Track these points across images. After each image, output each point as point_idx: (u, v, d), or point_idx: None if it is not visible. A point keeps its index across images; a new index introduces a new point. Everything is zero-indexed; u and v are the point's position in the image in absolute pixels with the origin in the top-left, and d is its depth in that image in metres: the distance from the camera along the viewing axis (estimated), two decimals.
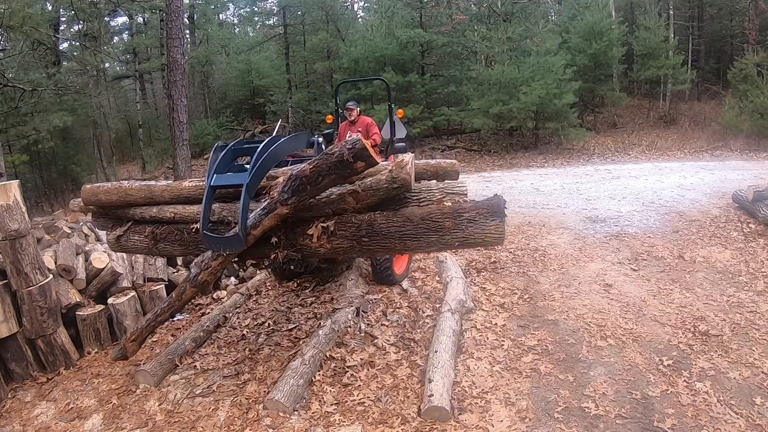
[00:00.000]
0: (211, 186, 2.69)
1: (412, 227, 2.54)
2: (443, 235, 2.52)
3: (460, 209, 2.49)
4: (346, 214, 2.67)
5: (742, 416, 2.79)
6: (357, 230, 2.62)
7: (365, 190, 2.51)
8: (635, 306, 4.11)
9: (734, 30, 16.70)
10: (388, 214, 2.59)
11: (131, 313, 4.12)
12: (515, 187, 8.61)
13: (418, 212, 2.54)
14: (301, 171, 2.39)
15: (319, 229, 2.64)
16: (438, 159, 2.86)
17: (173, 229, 3.06)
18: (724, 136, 12.34)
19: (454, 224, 2.48)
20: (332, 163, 2.32)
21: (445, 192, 2.65)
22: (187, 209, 3.01)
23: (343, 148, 2.29)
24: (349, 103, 5.74)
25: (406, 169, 2.39)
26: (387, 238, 2.60)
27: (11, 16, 8.84)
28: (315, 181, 2.39)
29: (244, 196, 2.52)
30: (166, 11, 6.48)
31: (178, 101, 6.30)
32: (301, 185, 2.40)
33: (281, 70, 17.15)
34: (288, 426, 2.90)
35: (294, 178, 2.41)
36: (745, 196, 6.07)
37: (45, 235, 4.74)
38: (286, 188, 2.43)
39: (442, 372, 3.12)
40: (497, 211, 2.45)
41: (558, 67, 12.24)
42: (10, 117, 11.47)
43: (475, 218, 2.46)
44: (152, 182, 3.16)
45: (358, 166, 2.32)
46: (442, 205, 2.54)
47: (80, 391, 3.44)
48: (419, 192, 2.67)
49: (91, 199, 3.22)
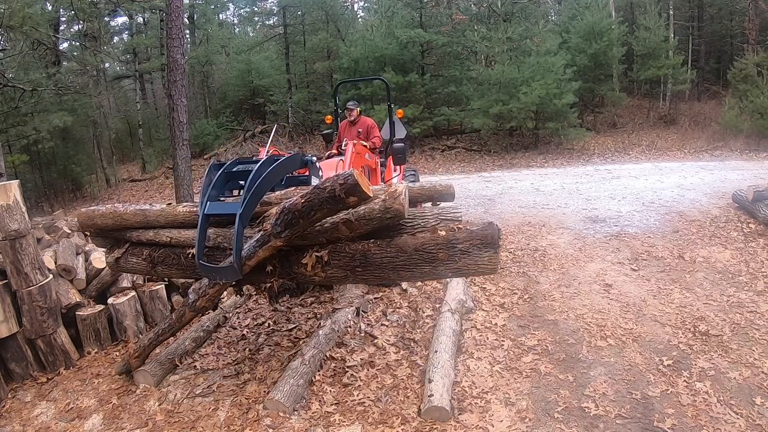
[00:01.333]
0: (205, 214, 2.67)
1: (406, 258, 2.53)
2: (436, 267, 2.52)
3: (453, 240, 2.46)
4: (340, 243, 2.65)
5: (742, 416, 2.79)
6: (351, 260, 2.62)
7: (358, 219, 2.49)
8: (635, 306, 4.11)
9: (734, 30, 16.69)
10: (382, 244, 2.57)
11: (131, 313, 4.12)
12: (515, 187, 8.61)
13: (412, 243, 2.52)
14: (293, 205, 2.37)
15: (313, 259, 2.64)
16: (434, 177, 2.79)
17: (170, 253, 3.05)
18: (724, 136, 12.34)
19: (447, 255, 2.47)
20: (324, 198, 2.30)
21: (439, 218, 2.62)
22: (182, 234, 2.99)
23: (335, 183, 2.26)
24: (349, 103, 5.74)
25: (400, 200, 2.36)
26: (380, 268, 2.60)
27: (11, 16, 8.84)
28: (307, 215, 2.38)
29: (237, 226, 2.49)
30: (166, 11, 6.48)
31: (178, 101, 6.30)
32: (294, 219, 2.39)
33: (281, 70, 17.13)
34: (288, 426, 2.90)
35: (286, 212, 2.39)
36: (745, 196, 6.07)
37: (45, 235, 4.74)
38: (279, 221, 2.42)
39: (442, 372, 3.12)
40: (491, 242, 2.43)
41: (558, 67, 12.23)
42: (10, 117, 11.47)
43: (468, 249, 2.45)
44: (147, 206, 3.12)
45: (351, 201, 2.31)
46: (436, 235, 2.51)
47: (80, 391, 3.44)
48: (413, 218, 2.64)
49: (87, 223, 3.20)
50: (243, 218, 2.53)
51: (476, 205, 7.43)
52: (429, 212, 2.70)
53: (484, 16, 14.52)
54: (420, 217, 2.65)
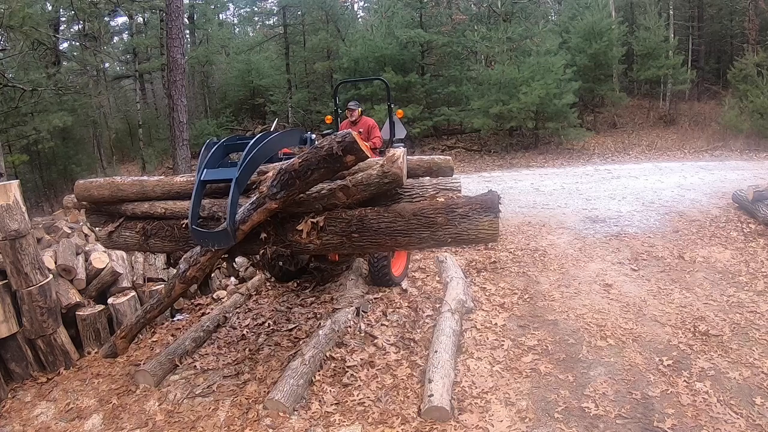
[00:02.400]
0: (201, 180, 2.66)
1: (404, 223, 2.48)
2: (435, 231, 2.45)
3: (452, 204, 2.43)
4: (336, 210, 2.63)
5: (742, 416, 2.79)
6: (347, 226, 2.58)
7: (356, 185, 2.47)
8: (635, 306, 4.11)
9: (734, 30, 16.70)
10: (379, 209, 2.55)
11: (131, 313, 4.11)
12: (515, 187, 8.61)
13: (410, 208, 2.49)
14: (290, 165, 2.36)
15: (308, 225, 2.60)
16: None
17: (164, 225, 3.04)
18: (724, 136, 12.34)
19: (446, 220, 2.41)
20: (322, 156, 2.28)
21: (437, 188, 2.61)
22: (178, 204, 3.00)
23: (333, 141, 2.25)
24: (350, 103, 5.73)
25: (398, 164, 2.35)
26: (377, 234, 2.54)
27: (11, 16, 8.84)
28: (304, 175, 2.35)
29: (233, 190, 2.48)
30: (166, 11, 6.48)
31: (178, 101, 6.30)
32: (291, 179, 2.37)
33: (281, 70, 17.14)
34: (288, 426, 2.90)
35: (283, 172, 2.38)
36: (745, 196, 6.07)
37: (45, 235, 4.74)
38: (275, 182, 2.40)
39: (442, 372, 3.12)
40: (491, 206, 2.38)
41: (558, 67, 12.23)
42: (10, 117, 11.46)
43: (468, 214, 2.39)
44: (144, 177, 3.15)
45: (348, 159, 2.28)
46: (434, 201, 2.48)
47: (80, 391, 3.44)
48: (411, 188, 2.63)
49: (83, 194, 3.22)
50: (239, 183, 2.51)
51: None
52: (427, 182, 2.67)
53: (484, 16, 14.53)
54: (419, 187, 2.64)
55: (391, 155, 2.42)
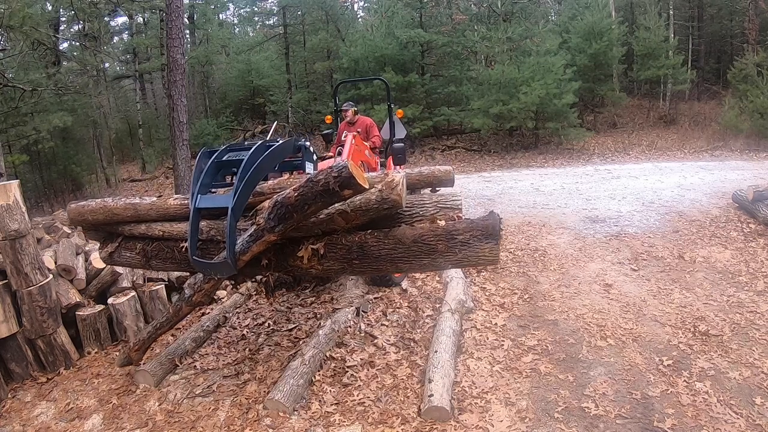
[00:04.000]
0: (196, 208, 2.59)
1: (404, 250, 2.46)
2: (435, 258, 2.45)
3: (453, 231, 2.38)
4: (336, 234, 2.59)
5: (742, 416, 2.79)
6: (348, 252, 2.56)
7: (354, 210, 2.41)
8: (635, 306, 4.11)
9: (734, 30, 16.69)
10: (379, 235, 2.50)
11: (131, 313, 4.12)
12: (515, 187, 8.61)
13: (410, 234, 2.45)
14: (286, 198, 2.30)
15: (309, 251, 2.57)
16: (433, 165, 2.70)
17: (163, 247, 3.00)
18: (724, 136, 12.33)
19: (446, 247, 2.39)
20: (318, 192, 2.23)
21: (438, 206, 2.56)
22: (175, 227, 2.93)
23: (329, 176, 2.18)
24: (344, 104, 5.73)
25: (397, 190, 2.28)
26: (378, 260, 2.53)
27: (11, 16, 8.84)
28: (301, 209, 2.31)
29: (229, 220, 2.42)
30: (166, 11, 6.48)
31: (178, 101, 6.30)
32: (287, 213, 2.32)
33: (281, 70, 17.14)
34: (288, 426, 2.90)
35: (279, 206, 2.32)
36: (745, 196, 6.07)
37: (45, 235, 4.74)
38: (272, 216, 2.35)
39: (442, 372, 3.12)
40: (492, 233, 2.35)
41: (558, 67, 12.23)
42: (10, 117, 11.47)
43: (468, 241, 2.36)
44: (137, 200, 3.05)
45: (345, 194, 2.24)
46: (435, 225, 2.43)
47: (80, 391, 3.44)
48: (411, 207, 2.58)
49: (78, 218, 3.16)
50: (235, 212, 2.45)
51: (476, 206, 7.42)
52: (428, 199, 2.62)
53: (484, 16, 14.52)
54: (418, 205, 2.59)
55: (390, 181, 2.33)
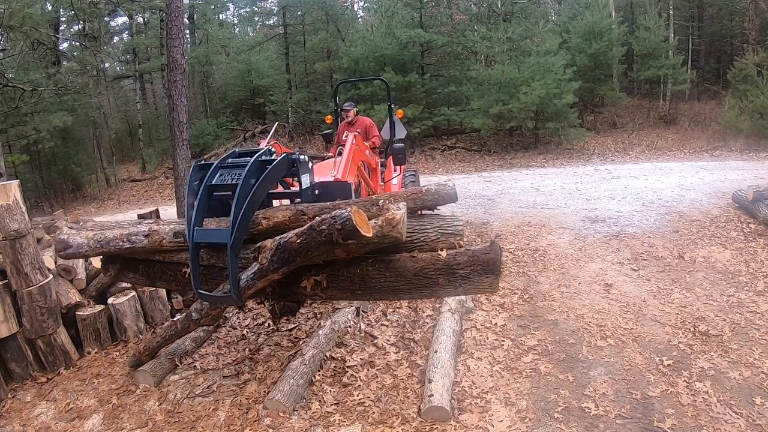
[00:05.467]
0: (194, 243, 2.57)
1: (406, 282, 2.50)
2: (436, 290, 2.51)
3: (454, 265, 2.40)
4: (338, 265, 2.60)
5: (742, 416, 2.79)
6: (350, 284, 2.59)
7: (355, 244, 2.41)
8: (635, 306, 4.11)
9: (734, 30, 16.69)
10: (381, 268, 2.52)
11: (131, 313, 4.12)
12: (515, 187, 8.61)
13: (412, 267, 2.47)
14: (289, 242, 2.32)
15: (311, 282, 2.60)
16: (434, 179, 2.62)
17: (165, 270, 3.02)
18: (724, 136, 12.33)
19: (447, 281, 2.43)
20: (321, 242, 2.25)
21: (439, 232, 2.57)
22: (174, 256, 2.93)
23: (333, 227, 2.18)
24: (345, 104, 5.73)
25: (398, 228, 2.28)
26: (380, 291, 2.58)
27: (11, 16, 8.85)
28: (304, 254, 2.35)
29: (230, 257, 2.42)
30: (166, 11, 6.47)
31: (178, 101, 6.28)
32: (291, 257, 2.35)
33: (281, 70, 17.13)
34: (288, 426, 2.90)
35: (282, 250, 2.34)
36: (745, 196, 6.07)
37: (45, 235, 4.74)
38: (275, 258, 2.37)
39: (442, 372, 3.12)
40: (493, 268, 2.37)
41: (558, 67, 12.23)
42: (10, 117, 11.48)
43: (469, 276, 2.39)
44: (134, 232, 2.90)
45: (349, 244, 2.26)
46: (436, 258, 2.45)
47: (80, 391, 3.44)
48: (413, 232, 2.57)
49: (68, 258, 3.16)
50: (235, 249, 2.44)
51: (476, 205, 7.43)
52: (429, 224, 2.62)
53: (484, 16, 14.51)
54: (420, 231, 2.59)
55: (390, 219, 2.29)
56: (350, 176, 3.90)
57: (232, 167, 2.71)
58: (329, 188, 3.12)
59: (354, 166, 4.10)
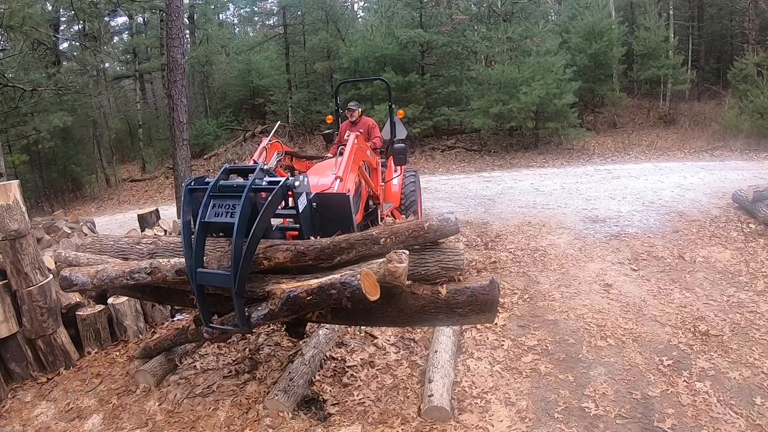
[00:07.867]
0: (198, 285, 2.55)
1: (406, 318, 2.62)
2: (435, 323, 2.81)
3: (453, 304, 2.47)
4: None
5: (742, 416, 2.79)
6: (353, 315, 2.66)
7: None
8: (635, 306, 4.11)
9: (734, 30, 16.67)
10: (383, 305, 2.54)
11: (131, 313, 4.12)
12: (515, 187, 8.61)
13: (412, 305, 2.54)
14: (299, 297, 2.40)
15: (316, 314, 2.71)
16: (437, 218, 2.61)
17: (173, 294, 3.09)
18: (724, 136, 12.32)
19: (446, 317, 2.53)
20: (330, 302, 2.36)
21: (440, 266, 2.59)
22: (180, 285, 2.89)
23: (342, 293, 2.25)
24: (350, 103, 5.73)
25: (400, 279, 2.33)
26: (383, 322, 2.82)
27: (11, 16, 8.86)
28: (313, 309, 2.49)
29: (236, 302, 2.44)
30: (166, 11, 6.47)
31: (178, 101, 6.29)
32: (300, 309, 2.44)
33: (281, 70, 17.12)
34: (288, 426, 2.90)
35: (292, 302, 2.42)
36: (745, 196, 6.07)
37: (45, 235, 4.74)
38: (285, 308, 2.44)
39: (442, 372, 3.12)
40: (491, 307, 2.43)
41: (558, 67, 12.22)
42: (10, 117, 11.49)
43: (467, 314, 2.47)
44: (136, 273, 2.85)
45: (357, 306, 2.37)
46: (436, 295, 2.50)
47: (80, 391, 3.44)
48: (414, 266, 2.59)
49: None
50: (239, 294, 2.46)
51: (476, 205, 7.43)
52: (430, 258, 2.63)
53: (484, 16, 14.50)
54: (421, 265, 2.60)
55: (393, 270, 2.30)
56: (351, 175, 3.90)
57: (226, 195, 2.61)
58: (327, 201, 3.01)
59: (355, 166, 4.10)
